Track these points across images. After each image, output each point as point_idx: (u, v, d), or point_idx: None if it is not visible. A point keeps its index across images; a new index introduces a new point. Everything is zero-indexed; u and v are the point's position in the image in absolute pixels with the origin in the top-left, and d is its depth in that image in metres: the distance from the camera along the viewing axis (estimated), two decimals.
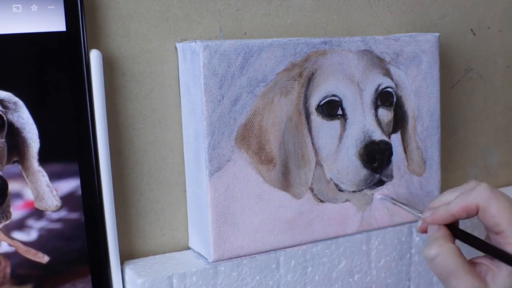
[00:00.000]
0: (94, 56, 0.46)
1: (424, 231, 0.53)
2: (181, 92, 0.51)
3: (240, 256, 0.50)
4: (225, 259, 0.50)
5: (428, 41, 0.57)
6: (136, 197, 0.51)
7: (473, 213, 0.49)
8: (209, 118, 0.48)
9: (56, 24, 0.45)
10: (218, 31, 0.52)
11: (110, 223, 0.48)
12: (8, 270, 0.46)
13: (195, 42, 0.47)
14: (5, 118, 0.45)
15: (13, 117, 0.45)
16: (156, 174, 0.51)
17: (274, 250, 0.52)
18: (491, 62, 0.68)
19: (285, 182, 0.51)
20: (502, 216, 0.48)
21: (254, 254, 0.51)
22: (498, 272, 0.47)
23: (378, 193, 0.56)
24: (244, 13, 0.53)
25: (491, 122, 0.70)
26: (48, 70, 0.45)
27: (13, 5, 0.43)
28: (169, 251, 0.53)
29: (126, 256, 0.51)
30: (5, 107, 0.44)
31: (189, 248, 0.53)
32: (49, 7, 0.44)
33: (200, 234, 0.51)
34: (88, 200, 0.47)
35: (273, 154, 0.51)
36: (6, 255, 0.46)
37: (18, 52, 0.44)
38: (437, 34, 0.58)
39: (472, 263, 0.49)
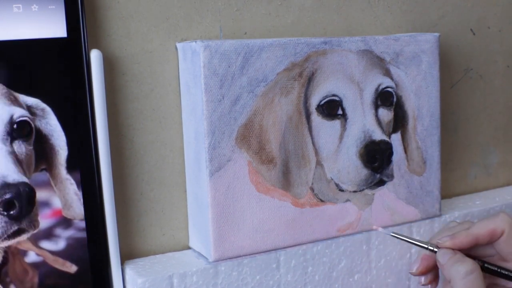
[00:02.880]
0: (95, 56, 0.46)
1: (423, 272, 0.54)
2: (182, 92, 0.51)
3: (240, 256, 0.50)
4: (226, 259, 0.50)
5: (428, 41, 0.57)
6: (136, 197, 0.51)
7: (496, 237, 0.52)
8: (210, 118, 0.48)
9: (56, 25, 0.45)
10: (218, 31, 0.52)
11: (110, 223, 0.48)
12: (36, 280, 0.46)
13: (196, 42, 0.47)
14: (32, 125, 0.44)
15: (40, 123, 0.45)
16: (156, 174, 0.51)
17: (275, 249, 0.52)
18: (491, 62, 0.68)
19: (286, 182, 0.51)
20: None
21: (255, 253, 0.51)
22: None
23: (381, 228, 0.56)
24: (244, 13, 0.53)
25: (491, 122, 0.70)
26: (49, 70, 0.45)
27: (14, 5, 0.43)
28: (169, 251, 0.53)
29: (126, 256, 0.51)
30: (32, 113, 0.44)
31: (189, 248, 0.53)
32: (49, 7, 0.44)
33: (200, 234, 0.51)
34: (88, 200, 0.47)
35: (274, 154, 0.51)
36: (34, 265, 0.45)
37: (22, 56, 0.44)
38: (437, 34, 0.58)
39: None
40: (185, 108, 0.51)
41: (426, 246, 0.53)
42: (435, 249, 0.53)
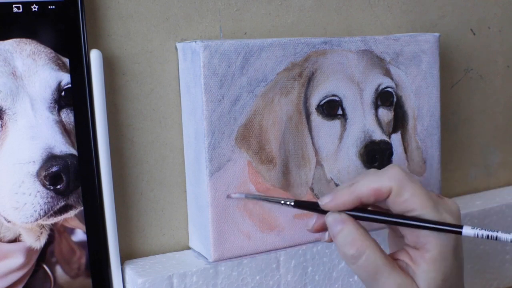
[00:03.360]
0: (95, 56, 0.46)
1: (318, 229, 0.46)
2: (181, 92, 0.51)
3: (240, 256, 0.50)
4: (225, 259, 0.50)
5: (428, 41, 0.57)
6: (136, 197, 0.51)
7: (383, 197, 0.44)
8: (209, 118, 0.48)
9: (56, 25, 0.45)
10: (218, 31, 0.52)
11: (110, 223, 0.48)
12: (83, 260, 0.43)
13: (195, 42, 0.47)
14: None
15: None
16: (156, 174, 0.51)
17: (274, 250, 0.52)
18: (491, 62, 0.68)
19: (285, 182, 0.51)
20: (416, 200, 0.44)
21: (254, 254, 0.51)
22: (416, 268, 0.44)
23: (234, 194, 0.49)
24: (244, 13, 0.53)
25: (491, 122, 0.70)
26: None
27: (14, 5, 0.43)
28: (169, 251, 0.53)
29: (126, 256, 0.51)
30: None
31: (189, 248, 0.53)
32: (49, 7, 0.44)
33: (200, 234, 0.51)
34: (88, 200, 0.47)
35: (273, 154, 0.51)
36: (82, 244, 0.43)
37: None
38: (437, 34, 0.58)
39: (393, 258, 0.45)
40: (185, 108, 0.51)
41: (282, 202, 0.46)
42: (292, 203, 0.46)
